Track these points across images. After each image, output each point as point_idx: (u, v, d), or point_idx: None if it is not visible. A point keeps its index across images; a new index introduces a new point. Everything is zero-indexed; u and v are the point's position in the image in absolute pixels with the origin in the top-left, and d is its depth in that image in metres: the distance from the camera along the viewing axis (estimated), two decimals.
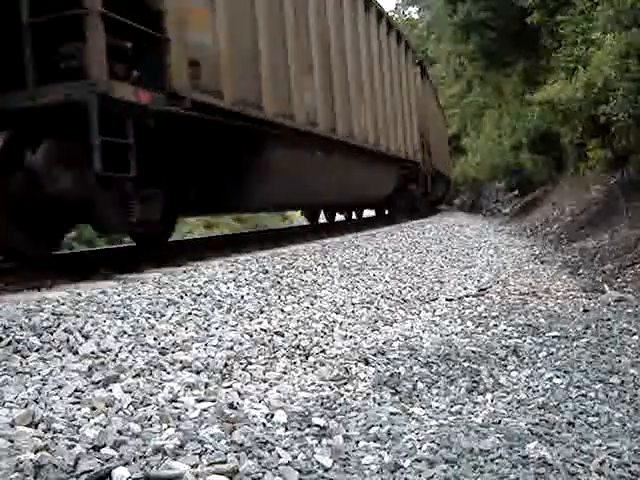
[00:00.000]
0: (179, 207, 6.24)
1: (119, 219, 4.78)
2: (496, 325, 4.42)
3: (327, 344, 3.58)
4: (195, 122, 5.39)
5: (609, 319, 4.45)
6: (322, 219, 15.00)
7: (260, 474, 1.92)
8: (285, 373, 3.02)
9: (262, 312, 3.91)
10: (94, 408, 2.19)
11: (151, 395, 2.40)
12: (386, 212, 15.75)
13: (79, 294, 3.42)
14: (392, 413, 2.63)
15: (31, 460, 1.76)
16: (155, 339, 3.00)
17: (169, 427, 2.15)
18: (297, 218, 20.23)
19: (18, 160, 4.29)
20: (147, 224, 5.23)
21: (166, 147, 5.44)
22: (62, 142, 4.36)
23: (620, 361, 3.45)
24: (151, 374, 2.62)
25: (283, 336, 3.52)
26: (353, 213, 16.02)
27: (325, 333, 3.80)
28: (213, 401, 2.46)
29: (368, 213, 17.00)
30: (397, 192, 14.29)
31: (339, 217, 15.54)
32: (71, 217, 5.00)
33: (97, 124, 4.13)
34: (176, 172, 5.71)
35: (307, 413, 2.49)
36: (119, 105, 4.41)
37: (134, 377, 2.54)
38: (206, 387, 2.62)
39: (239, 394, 2.60)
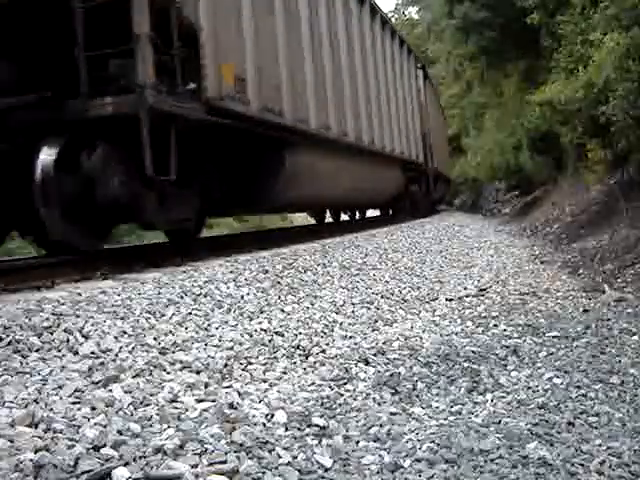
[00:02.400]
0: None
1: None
2: (496, 325, 4.42)
3: (327, 344, 3.58)
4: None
5: (609, 319, 4.45)
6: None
7: (260, 474, 1.92)
8: (285, 373, 3.02)
9: (262, 312, 3.91)
10: (94, 408, 2.19)
11: (151, 395, 2.40)
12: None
13: (79, 294, 3.42)
14: (392, 413, 2.63)
15: (31, 460, 1.76)
16: (155, 339, 3.00)
17: (169, 427, 2.15)
18: (297, 218, 20.23)
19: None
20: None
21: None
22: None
23: (620, 361, 3.44)
24: (151, 374, 2.62)
25: (283, 336, 3.52)
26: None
27: (325, 333, 3.80)
28: (213, 401, 2.46)
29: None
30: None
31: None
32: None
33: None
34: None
35: (307, 413, 2.49)
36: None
37: (134, 377, 2.54)
38: (206, 387, 2.62)
39: (239, 394, 2.60)
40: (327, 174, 8.99)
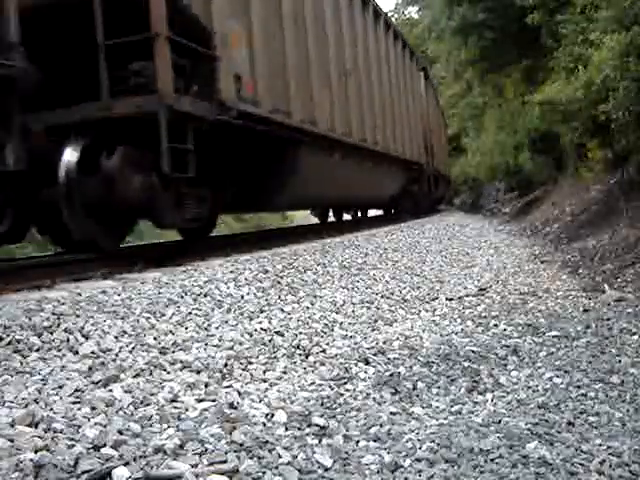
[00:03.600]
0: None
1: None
2: (496, 325, 4.42)
3: (327, 344, 3.59)
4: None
5: (609, 319, 4.45)
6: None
7: (260, 474, 1.92)
8: (285, 373, 3.02)
9: (262, 312, 3.91)
10: (94, 408, 2.20)
11: (151, 395, 2.41)
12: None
13: (79, 294, 3.42)
14: (392, 413, 2.63)
15: (31, 460, 1.76)
16: (155, 339, 3.00)
17: (169, 427, 2.15)
18: (297, 218, 20.25)
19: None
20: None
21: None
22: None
23: (620, 361, 3.44)
24: (151, 374, 2.62)
25: (283, 336, 3.52)
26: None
27: (325, 333, 3.80)
28: (213, 401, 2.46)
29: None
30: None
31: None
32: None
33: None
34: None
35: (307, 413, 2.49)
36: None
37: (134, 377, 2.55)
38: (206, 387, 2.62)
39: (239, 394, 2.60)
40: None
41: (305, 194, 8.49)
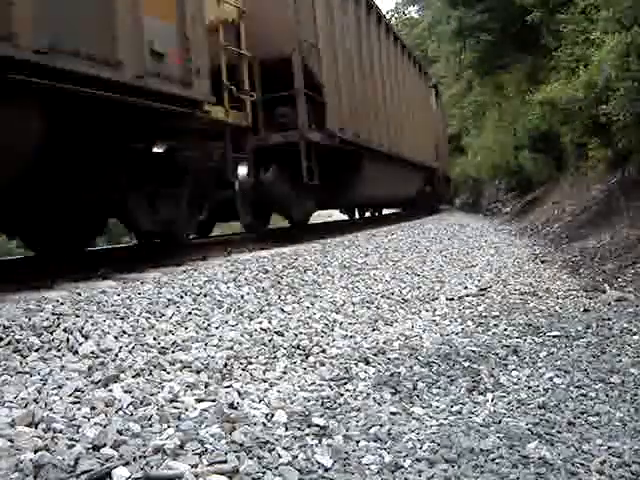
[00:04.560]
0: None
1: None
2: (496, 325, 4.42)
3: (327, 344, 3.58)
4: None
5: (609, 319, 4.45)
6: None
7: (260, 474, 1.92)
8: (285, 373, 3.02)
9: (262, 312, 3.91)
10: (94, 408, 2.19)
11: (151, 395, 2.40)
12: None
13: (79, 294, 3.42)
14: (392, 413, 2.63)
15: (31, 460, 1.76)
16: (155, 339, 3.00)
17: (169, 427, 2.15)
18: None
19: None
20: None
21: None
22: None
23: (621, 361, 3.44)
24: (151, 374, 2.62)
25: (283, 336, 3.52)
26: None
27: (325, 333, 3.80)
28: (213, 401, 2.46)
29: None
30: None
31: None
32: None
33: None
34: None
35: (307, 413, 2.49)
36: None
37: (134, 377, 2.54)
38: (206, 387, 2.62)
39: (239, 394, 2.60)
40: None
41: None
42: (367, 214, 17.66)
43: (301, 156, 7.52)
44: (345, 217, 16.63)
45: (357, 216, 16.40)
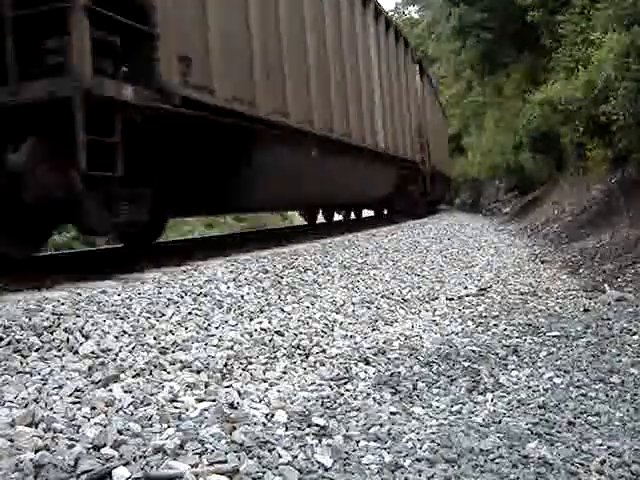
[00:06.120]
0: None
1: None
2: (496, 325, 4.42)
3: (327, 344, 3.58)
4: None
5: (609, 318, 4.45)
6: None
7: (260, 474, 1.92)
8: (285, 373, 3.02)
9: (262, 312, 3.91)
10: (94, 408, 2.19)
11: (151, 395, 2.40)
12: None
13: (79, 294, 3.42)
14: (392, 413, 2.63)
15: (31, 460, 1.76)
16: (155, 339, 3.00)
17: (169, 427, 2.15)
18: (298, 218, 20.28)
19: None
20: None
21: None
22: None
23: (620, 360, 3.44)
24: (151, 374, 2.62)
25: (283, 336, 3.52)
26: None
27: (325, 333, 3.80)
28: (213, 401, 2.46)
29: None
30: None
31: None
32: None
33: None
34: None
35: (307, 413, 2.49)
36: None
37: (134, 377, 2.54)
38: (206, 387, 2.62)
39: (239, 394, 2.60)
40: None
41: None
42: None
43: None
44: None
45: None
